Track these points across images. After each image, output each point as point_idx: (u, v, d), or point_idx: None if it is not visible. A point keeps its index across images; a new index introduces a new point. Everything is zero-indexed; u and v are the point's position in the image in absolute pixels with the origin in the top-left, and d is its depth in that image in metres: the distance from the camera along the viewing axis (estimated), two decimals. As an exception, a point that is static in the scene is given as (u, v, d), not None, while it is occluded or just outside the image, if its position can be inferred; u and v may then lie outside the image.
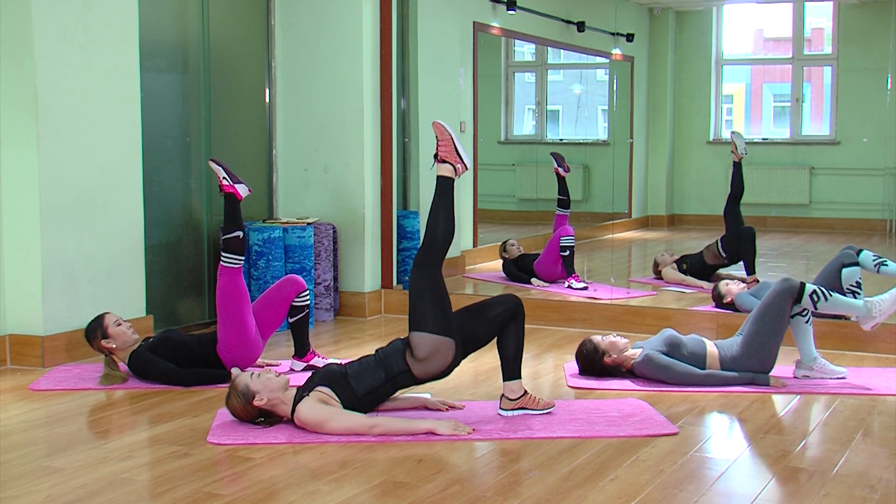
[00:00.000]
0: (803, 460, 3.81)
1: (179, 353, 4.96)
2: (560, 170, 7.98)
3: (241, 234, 4.91)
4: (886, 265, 5.80)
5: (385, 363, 4.11)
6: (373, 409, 4.19)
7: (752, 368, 4.83)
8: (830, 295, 4.87)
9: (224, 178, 4.96)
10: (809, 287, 4.85)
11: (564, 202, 7.94)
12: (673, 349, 4.90)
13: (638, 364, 4.90)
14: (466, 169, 4.21)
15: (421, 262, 4.14)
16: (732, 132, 7.59)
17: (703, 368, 4.86)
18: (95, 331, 4.95)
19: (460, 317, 4.21)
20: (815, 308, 4.85)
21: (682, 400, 4.63)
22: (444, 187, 4.16)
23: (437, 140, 4.20)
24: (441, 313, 4.08)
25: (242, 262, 4.94)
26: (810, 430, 4.24)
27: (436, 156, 4.20)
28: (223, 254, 4.91)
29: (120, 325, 4.95)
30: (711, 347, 4.92)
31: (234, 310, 4.93)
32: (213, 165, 5.03)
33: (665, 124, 9.86)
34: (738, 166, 7.37)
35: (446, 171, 4.17)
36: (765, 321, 4.83)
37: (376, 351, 4.20)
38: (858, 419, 4.33)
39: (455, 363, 4.16)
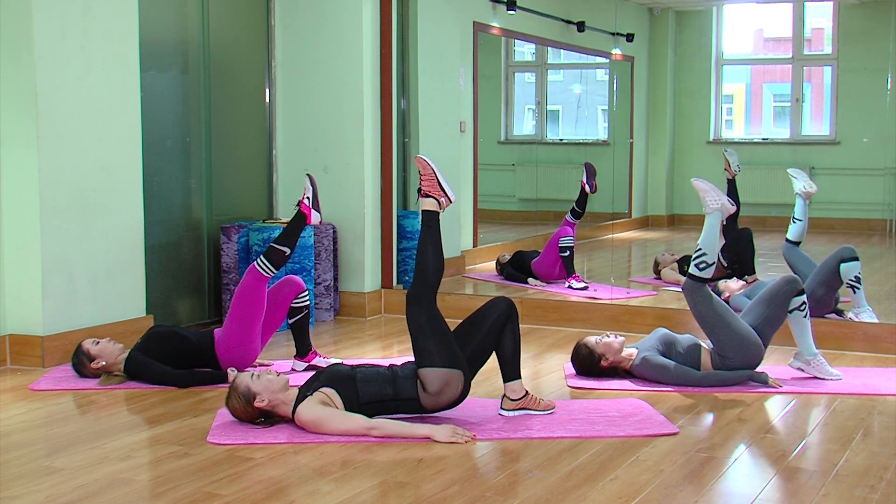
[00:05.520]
0: (803, 460, 3.81)
1: (171, 342, 4.97)
2: (587, 187, 7.80)
3: (288, 251, 4.97)
4: (857, 292, 5.85)
5: (396, 383, 4.08)
6: (372, 416, 4.16)
7: (740, 360, 4.81)
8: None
9: (308, 197, 5.04)
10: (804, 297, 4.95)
11: (578, 214, 7.78)
12: (668, 347, 4.92)
13: (636, 367, 4.91)
14: (451, 202, 4.24)
15: (415, 297, 4.14)
16: (725, 150, 7.43)
17: (698, 366, 4.87)
18: (81, 360, 4.96)
19: (457, 336, 4.19)
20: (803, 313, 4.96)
21: (682, 400, 4.63)
22: (430, 221, 4.18)
23: (420, 175, 4.22)
24: (445, 346, 4.08)
25: (273, 274, 4.98)
26: (810, 430, 4.24)
27: (419, 190, 4.22)
28: (262, 258, 4.94)
29: (98, 342, 4.97)
30: (704, 346, 4.93)
31: (248, 311, 4.95)
32: (307, 182, 5.09)
33: (665, 124, 9.85)
34: (731, 183, 7.20)
35: (430, 205, 4.20)
36: (758, 312, 4.91)
37: (390, 366, 4.19)
38: (858, 419, 4.33)
39: (465, 393, 4.16)
